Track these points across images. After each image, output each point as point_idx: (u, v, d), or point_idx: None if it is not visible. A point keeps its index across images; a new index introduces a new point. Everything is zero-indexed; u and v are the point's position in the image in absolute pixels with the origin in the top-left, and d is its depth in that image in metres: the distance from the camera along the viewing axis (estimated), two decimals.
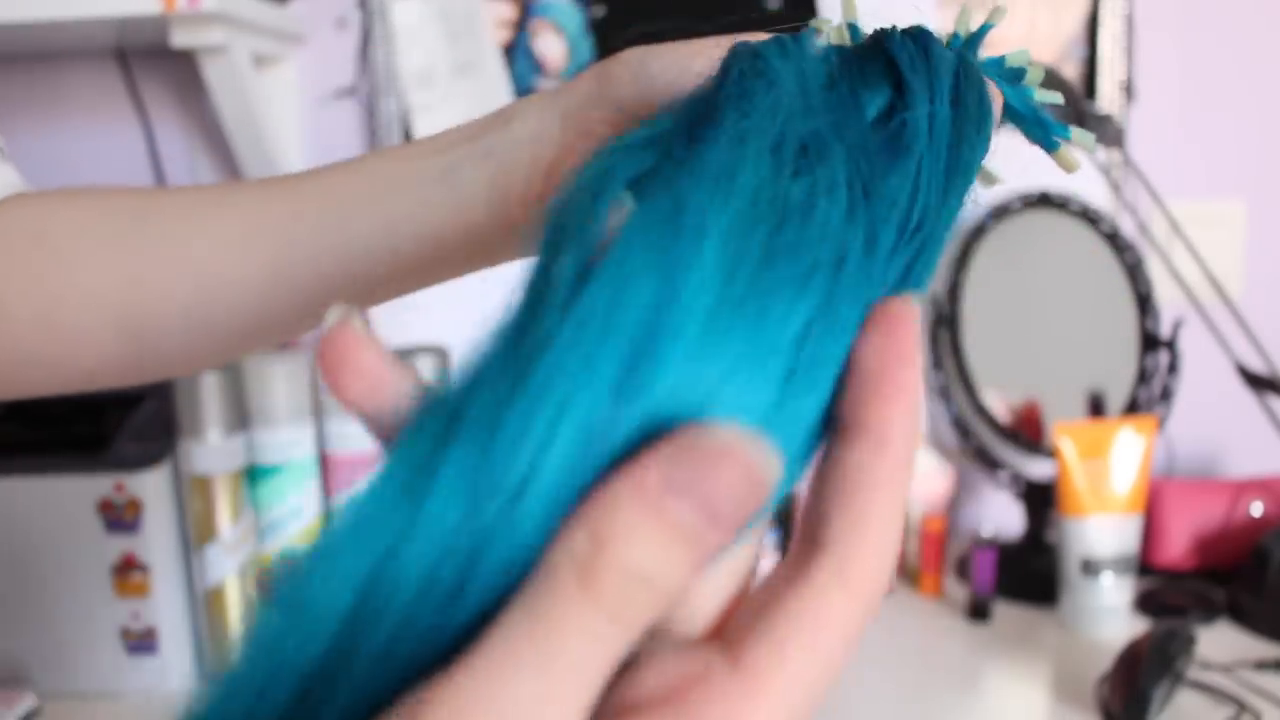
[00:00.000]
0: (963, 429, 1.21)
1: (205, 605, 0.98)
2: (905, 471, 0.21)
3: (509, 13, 1.17)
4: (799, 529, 0.21)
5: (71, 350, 0.43)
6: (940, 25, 1.18)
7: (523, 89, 1.17)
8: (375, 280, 0.42)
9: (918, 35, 0.30)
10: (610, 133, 0.38)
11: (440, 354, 1.02)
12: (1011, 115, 0.37)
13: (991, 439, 1.20)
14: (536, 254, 0.23)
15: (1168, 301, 1.15)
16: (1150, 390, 1.12)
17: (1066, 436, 1.03)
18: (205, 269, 0.42)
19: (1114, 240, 1.13)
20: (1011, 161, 0.32)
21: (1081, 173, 1.17)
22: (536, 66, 1.18)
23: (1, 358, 0.43)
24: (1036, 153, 0.39)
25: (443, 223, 0.41)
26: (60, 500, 0.95)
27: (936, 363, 1.22)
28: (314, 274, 0.42)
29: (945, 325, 1.21)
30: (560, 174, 0.40)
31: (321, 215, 0.41)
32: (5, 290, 0.42)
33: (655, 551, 0.17)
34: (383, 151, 0.43)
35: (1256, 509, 1.10)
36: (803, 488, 0.22)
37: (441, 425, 0.19)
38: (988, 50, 0.39)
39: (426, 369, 1.01)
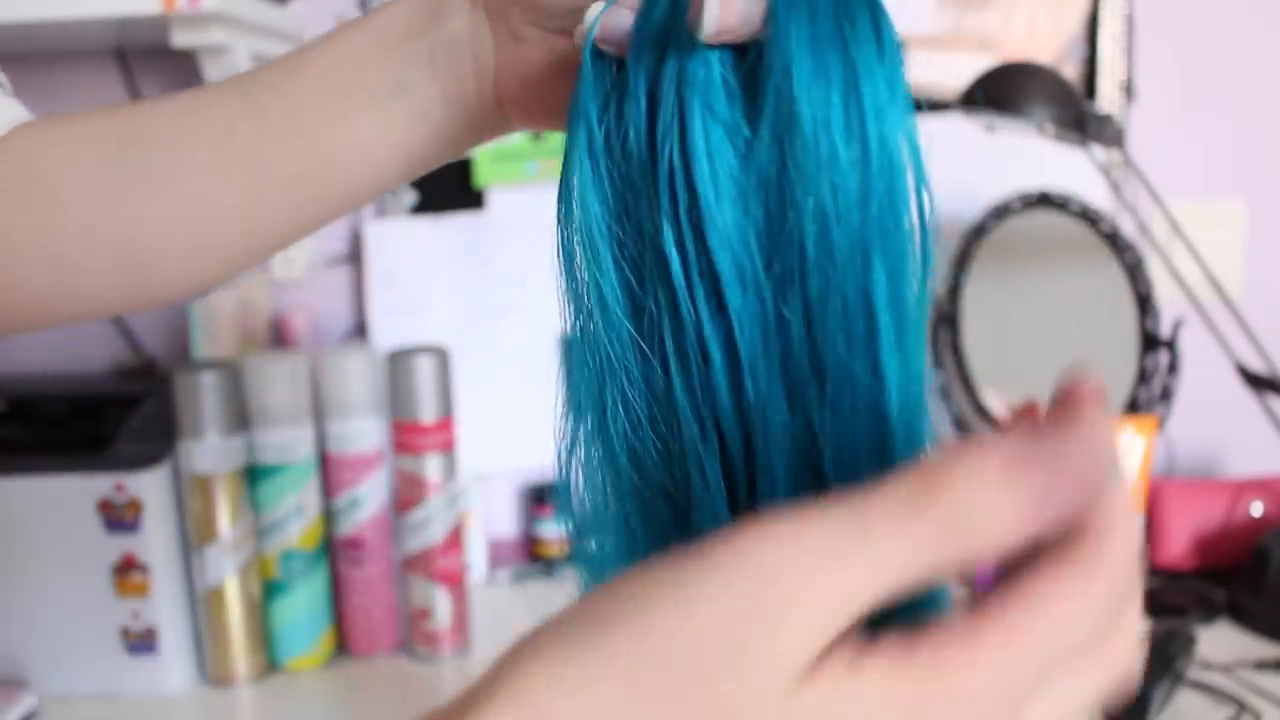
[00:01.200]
0: (963, 429, 1.21)
1: (205, 605, 0.98)
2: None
3: None
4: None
5: (80, 282, 0.44)
6: (940, 25, 1.18)
7: None
8: (358, 187, 0.44)
9: None
10: (531, 32, 0.40)
11: (440, 354, 1.02)
12: None
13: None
14: None
15: (1168, 301, 1.15)
16: (1150, 390, 1.12)
17: None
18: (191, 198, 0.43)
19: (1114, 240, 1.13)
20: (1012, 161, 0.32)
21: (1081, 173, 1.17)
22: None
23: (14, 295, 0.44)
24: (1038, 152, 0.40)
25: (408, 134, 0.42)
26: (60, 500, 0.95)
27: (936, 363, 1.22)
28: (296, 192, 0.43)
29: (945, 325, 1.21)
30: (509, 83, 0.41)
31: (289, 139, 0.43)
32: (10, 228, 0.43)
33: (1002, 512, 0.20)
34: (323, 49, 0.43)
35: (1256, 509, 1.10)
36: None
37: None
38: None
39: (426, 369, 1.01)
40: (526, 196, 1.20)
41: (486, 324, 1.21)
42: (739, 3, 0.28)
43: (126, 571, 0.96)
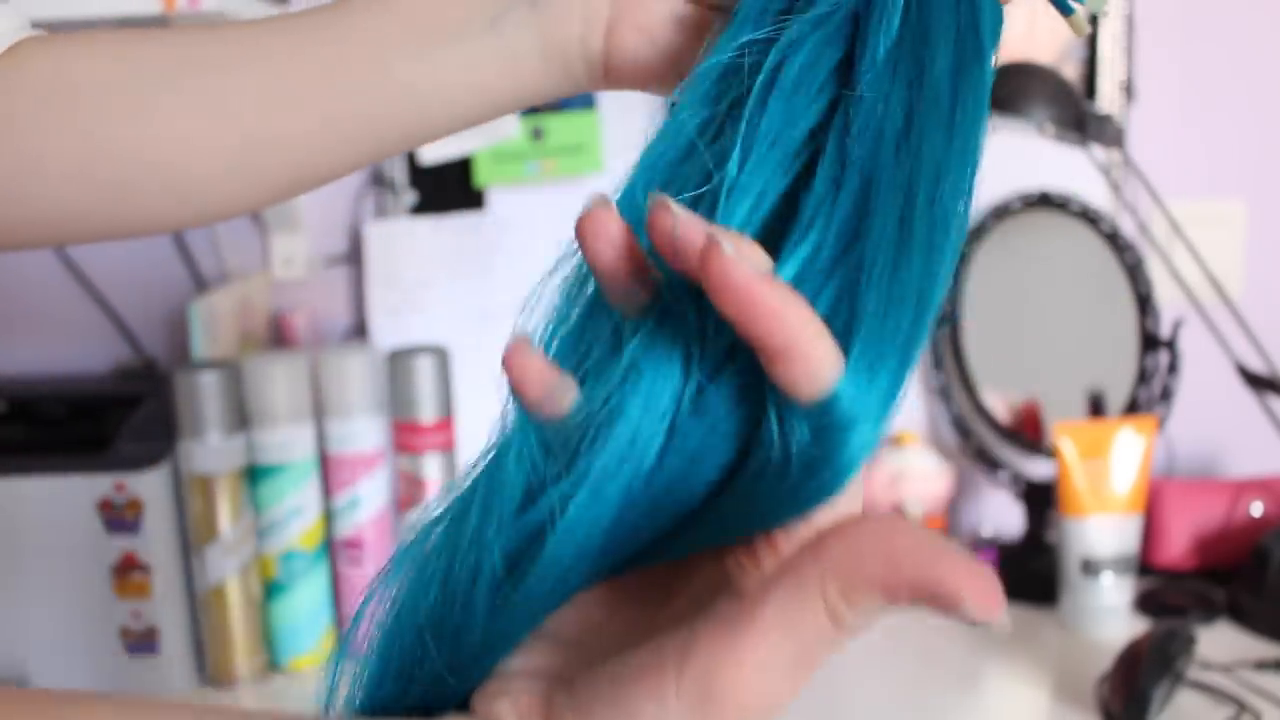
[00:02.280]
0: (963, 429, 1.21)
1: (205, 605, 0.98)
2: None
3: None
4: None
5: (114, 204, 0.43)
6: None
7: None
8: (429, 128, 0.42)
9: None
10: None
11: (440, 354, 1.02)
12: None
13: (991, 439, 1.20)
14: None
15: (1168, 301, 1.15)
16: (1150, 390, 1.12)
17: (1066, 436, 1.03)
18: (251, 126, 0.41)
19: (1114, 240, 1.13)
20: (1012, 161, 0.31)
21: (1081, 173, 1.17)
22: None
23: (41, 214, 0.42)
24: (1038, 152, 0.39)
25: (495, 76, 0.40)
26: (60, 500, 0.95)
27: (936, 363, 1.22)
28: (365, 125, 0.42)
29: (945, 325, 1.21)
30: (625, 34, 0.39)
31: (369, 71, 0.41)
32: (41, 147, 0.41)
33: (873, 608, 0.23)
34: None
35: (1256, 509, 1.10)
36: None
37: None
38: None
39: (426, 369, 1.01)
40: (526, 196, 1.20)
41: (486, 324, 1.21)
42: None
43: (126, 571, 0.96)
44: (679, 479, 0.27)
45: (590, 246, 0.28)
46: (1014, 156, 1.18)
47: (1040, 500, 1.13)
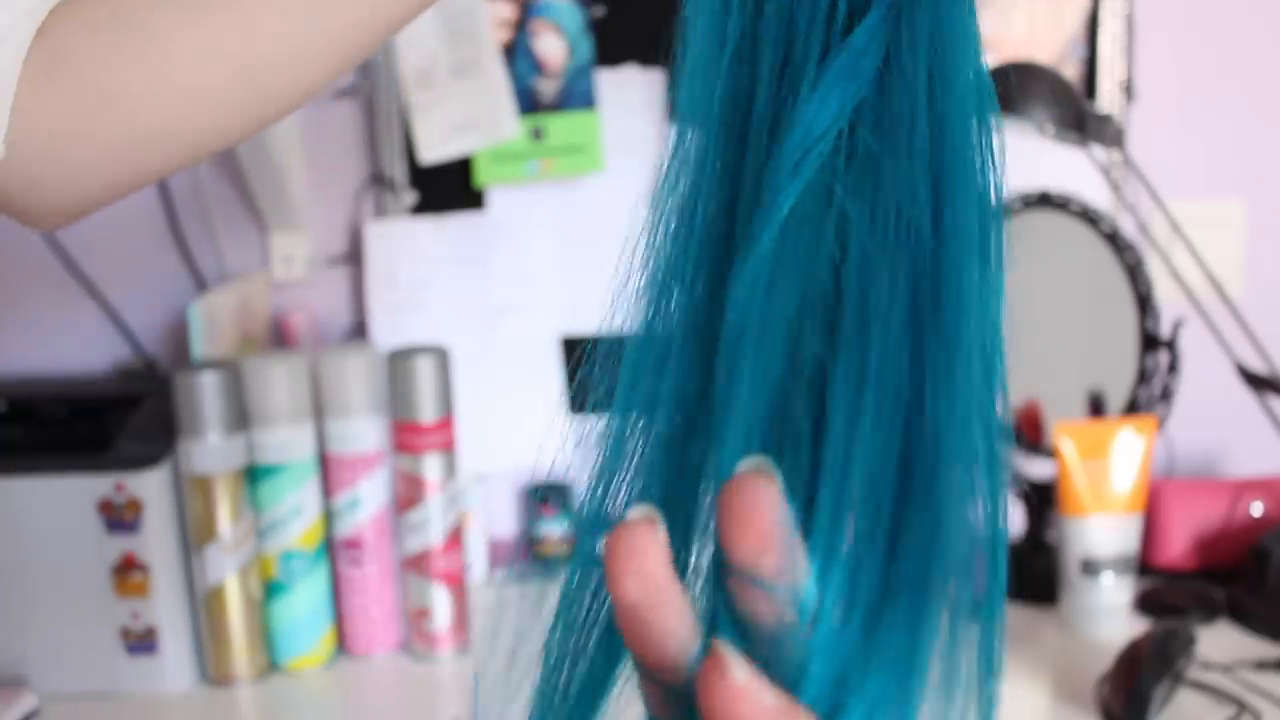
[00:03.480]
0: None
1: (205, 605, 0.98)
2: None
3: (509, 13, 1.17)
4: None
5: (192, 109, 0.43)
6: None
7: (523, 89, 1.17)
8: None
9: None
10: None
11: (440, 354, 1.02)
12: None
13: None
14: None
15: (1168, 301, 1.15)
16: (1150, 390, 1.12)
17: (1066, 436, 1.03)
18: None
19: (1114, 240, 1.13)
20: (1012, 161, 0.31)
21: (1081, 173, 1.17)
22: (536, 66, 1.18)
23: (125, 138, 0.43)
24: (1038, 152, 0.39)
25: None
26: (60, 500, 0.95)
27: None
28: None
29: None
30: None
31: None
32: (109, 79, 0.42)
33: None
34: None
35: (1256, 509, 1.10)
36: None
37: None
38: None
39: (426, 369, 1.01)
40: (526, 196, 1.20)
41: (486, 324, 1.21)
42: None
43: (126, 571, 0.96)
44: None
45: (615, 576, 0.22)
46: (1014, 156, 1.18)
47: (1040, 500, 1.13)
